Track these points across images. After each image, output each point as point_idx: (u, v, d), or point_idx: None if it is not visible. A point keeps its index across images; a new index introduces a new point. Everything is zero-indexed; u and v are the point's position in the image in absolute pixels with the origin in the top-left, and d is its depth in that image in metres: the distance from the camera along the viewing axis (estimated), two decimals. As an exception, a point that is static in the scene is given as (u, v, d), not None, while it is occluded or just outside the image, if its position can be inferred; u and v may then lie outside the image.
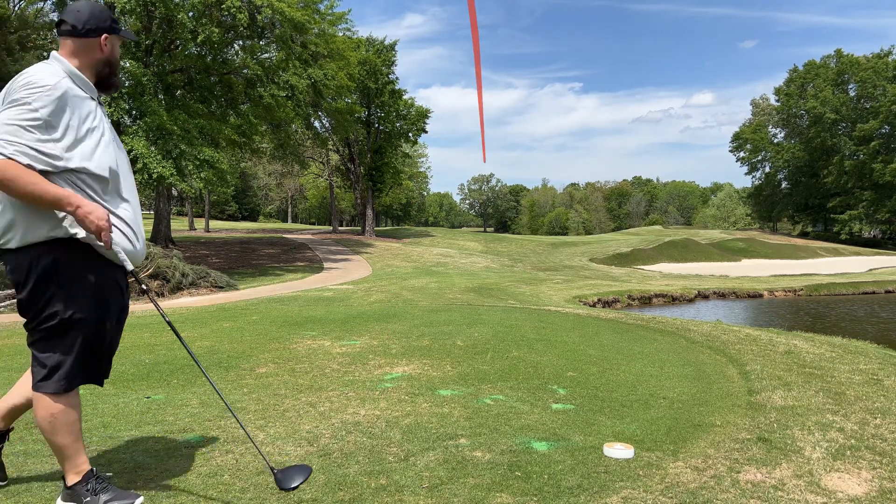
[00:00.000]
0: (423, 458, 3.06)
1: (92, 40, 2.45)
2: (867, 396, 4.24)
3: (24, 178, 2.20)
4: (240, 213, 79.27)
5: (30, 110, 2.25)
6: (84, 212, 2.25)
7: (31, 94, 2.26)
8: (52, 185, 2.24)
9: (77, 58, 2.44)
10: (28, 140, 2.24)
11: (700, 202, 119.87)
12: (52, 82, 2.30)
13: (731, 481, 2.80)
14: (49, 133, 2.27)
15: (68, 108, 2.32)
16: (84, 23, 2.42)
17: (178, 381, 4.76)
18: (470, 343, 6.17)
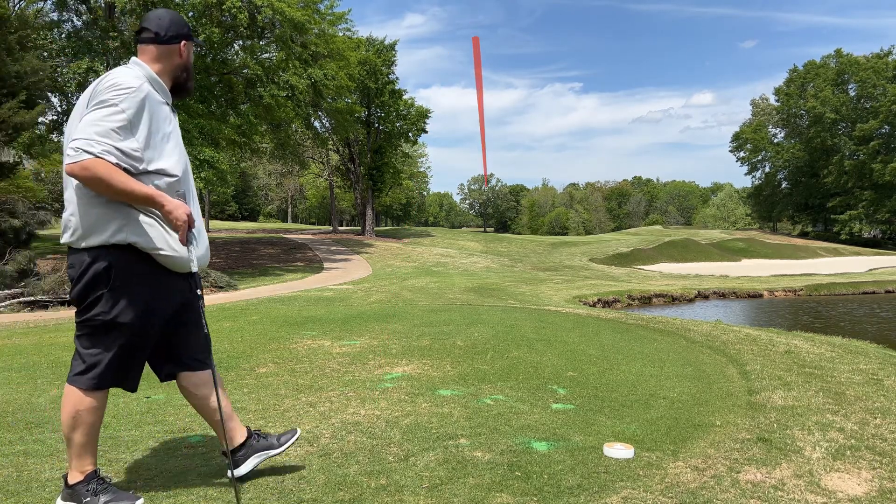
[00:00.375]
0: (423, 458, 3.06)
1: (173, 46, 2.56)
2: (867, 396, 4.24)
3: (115, 175, 2.27)
4: (240, 213, 79.28)
5: (117, 111, 2.31)
6: (168, 209, 2.33)
7: (117, 96, 2.33)
8: (140, 184, 2.32)
9: (158, 63, 2.54)
10: (115, 140, 2.30)
11: (700, 202, 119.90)
12: (137, 84, 2.38)
13: (731, 481, 2.80)
14: (131, 134, 2.35)
15: (148, 110, 2.40)
16: (166, 30, 2.53)
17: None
18: (470, 343, 6.17)
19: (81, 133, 2.29)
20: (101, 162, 2.26)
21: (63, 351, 6.08)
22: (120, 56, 20.75)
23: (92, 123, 2.29)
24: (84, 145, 2.26)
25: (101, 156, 2.26)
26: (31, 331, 7.73)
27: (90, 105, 2.36)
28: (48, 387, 4.59)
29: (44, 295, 12.11)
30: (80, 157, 2.25)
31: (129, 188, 2.29)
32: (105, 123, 2.29)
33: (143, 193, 2.32)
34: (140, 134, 2.37)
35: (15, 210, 16.79)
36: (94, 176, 2.26)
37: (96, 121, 2.29)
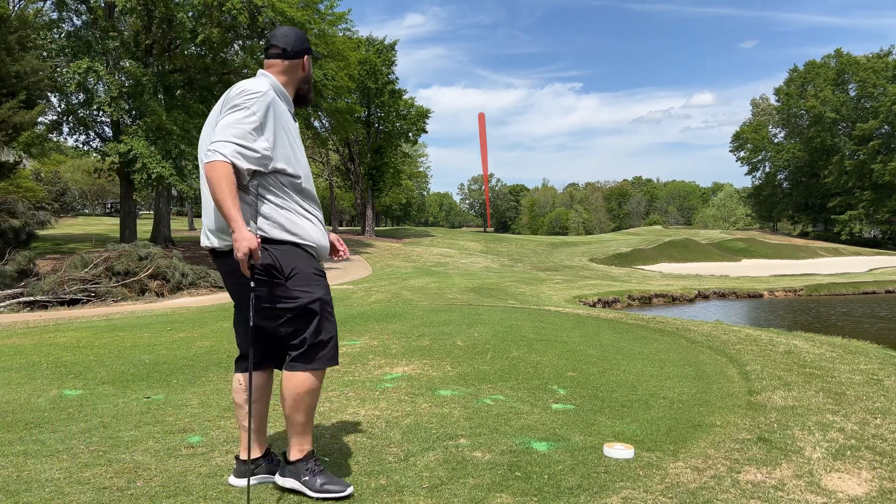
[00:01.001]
0: (423, 458, 3.06)
1: (297, 61, 2.74)
2: (867, 396, 4.24)
3: (222, 184, 2.39)
4: (240, 213, 79.28)
5: (249, 114, 2.49)
6: (236, 237, 2.41)
7: (248, 100, 2.50)
8: (234, 206, 2.41)
9: (285, 76, 2.72)
10: (248, 141, 2.46)
11: (700, 202, 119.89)
12: (264, 89, 2.56)
13: (731, 481, 2.80)
14: (261, 134, 2.51)
15: (275, 114, 2.57)
16: (293, 46, 2.71)
17: (178, 381, 4.76)
18: (470, 343, 6.16)
19: (219, 135, 2.46)
20: (224, 166, 2.41)
21: (63, 351, 6.08)
22: (120, 56, 20.75)
23: (228, 125, 2.47)
24: (219, 147, 2.42)
25: (230, 157, 2.41)
26: (31, 331, 7.73)
27: (223, 110, 2.54)
28: (48, 387, 4.59)
29: (43, 295, 12.11)
30: (213, 157, 2.42)
31: (224, 202, 2.40)
32: (240, 125, 2.47)
33: (230, 213, 2.40)
34: (268, 134, 2.53)
35: (15, 210, 16.80)
36: (212, 177, 2.40)
37: (231, 123, 2.47)
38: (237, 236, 2.40)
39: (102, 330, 7.57)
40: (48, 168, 47.47)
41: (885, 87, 57.33)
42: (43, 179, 48.91)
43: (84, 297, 12.44)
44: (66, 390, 4.48)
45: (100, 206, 65.44)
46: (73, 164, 54.82)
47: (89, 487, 2.70)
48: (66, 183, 55.17)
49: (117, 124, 20.71)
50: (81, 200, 62.87)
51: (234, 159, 2.42)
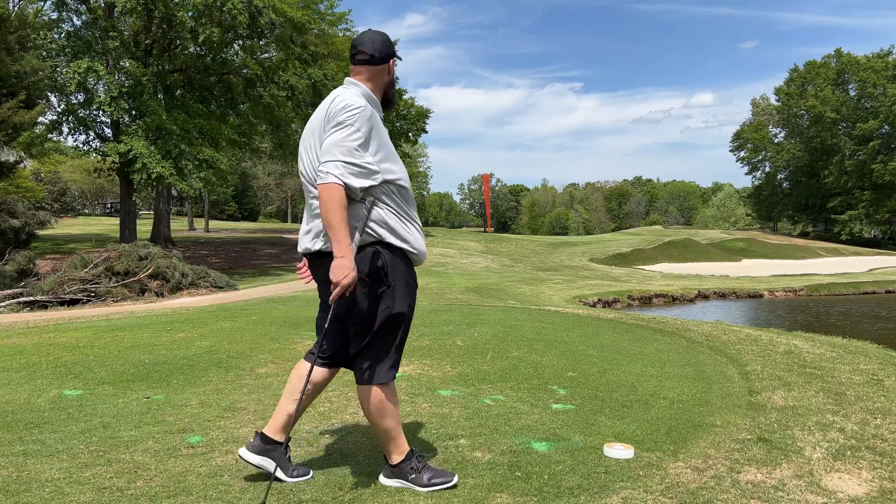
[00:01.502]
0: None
1: (384, 66, 2.76)
2: (867, 397, 4.24)
3: (334, 205, 2.46)
4: (239, 213, 79.20)
5: (354, 131, 2.54)
6: (336, 264, 2.46)
7: (351, 117, 2.55)
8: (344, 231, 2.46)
9: (372, 82, 2.74)
10: (356, 158, 2.52)
11: (700, 202, 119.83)
12: (364, 104, 2.60)
13: (731, 481, 2.80)
14: (367, 150, 2.57)
15: (375, 126, 2.62)
16: (380, 51, 2.74)
17: (178, 381, 4.76)
18: (470, 343, 6.16)
19: (328, 155, 2.52)
20: (338, 190, 2.47)
21: (63, 351, 6.08)
22: (120, 56, 20.75)
23: (336, 144, 2.52)
24: (332, 168, 2.49)
25: (341, 178, 2.48)
26: (30, 331, 7.73)
27: (328, 128, 2.58)
28: (48, 387, 4.59)
29: (43, 295, 12.11)
30: (326, 179, 2.48)
31: (335, 226, 2.45)
32: (347, 143, 2.52)
33: (337, 237, 2.45)
34: (373, 148, 2.59)
35: (15, 210, 16.80)
36: (325, 199, 2.47)
37: (339, 142, 2.52)
38: (344, 263, 2.45)
39: (102, 330, 7.57)
40: (48, 168, 47.46)
41: (885, 87, 57.31)
42: (43, 179, 48.90)
43: (84, 297, 12.44)
44: (66, 390, 4.48)
45: (100, 206, 65.43)
46: (72, 164, 54.83)
47: (89, 487, 2.70)
48: (66, 183, 55.14)
49: (117, 124, 20.70)
50: (81, 200, 62.86)
51: (346, 179, 2.48)
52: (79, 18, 22.42)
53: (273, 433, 2.77)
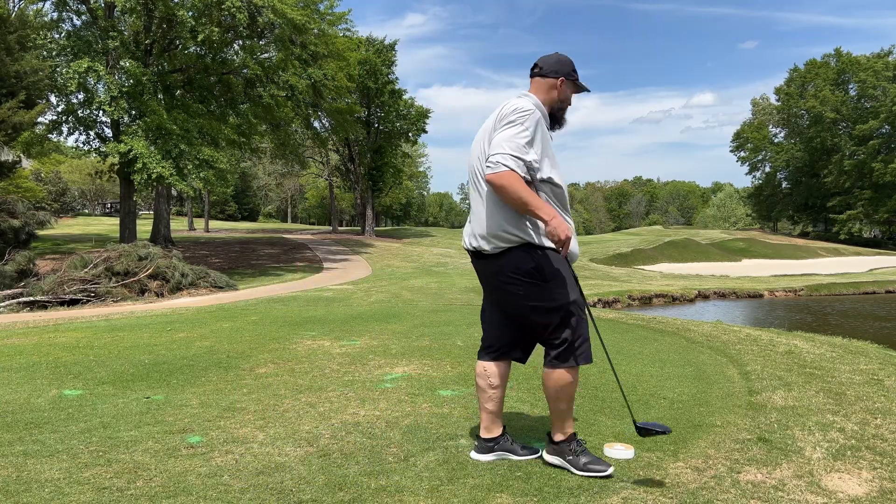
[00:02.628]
0: (423, 458, 3.06)
1: (550, 80, 3.01)
2: (867, 397, 4.24)
3: (519, 186, 2.69)
4: (239, 213, 79.22)
5: (523, 129, 2.77)
6: (555, 224, 2.68)
7: (521, 117, 2.80)
8: (537, 197, 2.74)
9: (540, 94, 3.01)
10: (523, 154, 2.74)
11: (700, 202, 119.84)
12: (533, 108, 2.86)
13: (731, 481, 2.80)
14: (532, 148, 2.78)
15: (541, 130, 2.85)
16: (548, 67, 3.03)
17: (177, 381, 4.76)
18: (470, 343, 6.16)
19: (498, 148, 2.74)
20: (513, 174, 2.69)
21: (63, 351, 6.08)
22: (120, 56, 20.75)
23: (506, 140, 2.75)
24: (502, 159, 2.70)
25: (515, 169, 2.69)
26: (30, 331, 7.73)
27: (499, 125, 2.83)
28: (48, 387, 4.59)
29: (43, 295, 12.10)
30: (498, 168, 2.70)
31: (527, 199, 2.69)
32: (516, 140, 2.75)
33: (535, 205, 2.69)
34: (537, 148, 2.81)
35: (15, 210, 16.80)
36: (505, 185, 2.69)
37: (508, 138, 2.75)
38: (555, 223, 2.67)
39: (102, 330, 7.56)
40: (48, 168, 47.47)
41: (885, 88, 57.29)
42: (43, 179, 48.90)
43: (84, 297, 12.43)
44: (66, 390, 4.48)
45: (99, 206, 65.44)
46: (72, 164, 54.82)
47: (89, 487, 2.70)
48: (66, 183, 55.15)
49: (117, 124, 20.70)
50: (81, 200, 62.85)
51: (517, 171, 2.70)
52: (79, 18, 22.43)
53: (488, 433, 3.07)
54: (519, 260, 2.84)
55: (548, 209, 2.71)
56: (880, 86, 57.71)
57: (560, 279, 2.87)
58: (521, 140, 2.75)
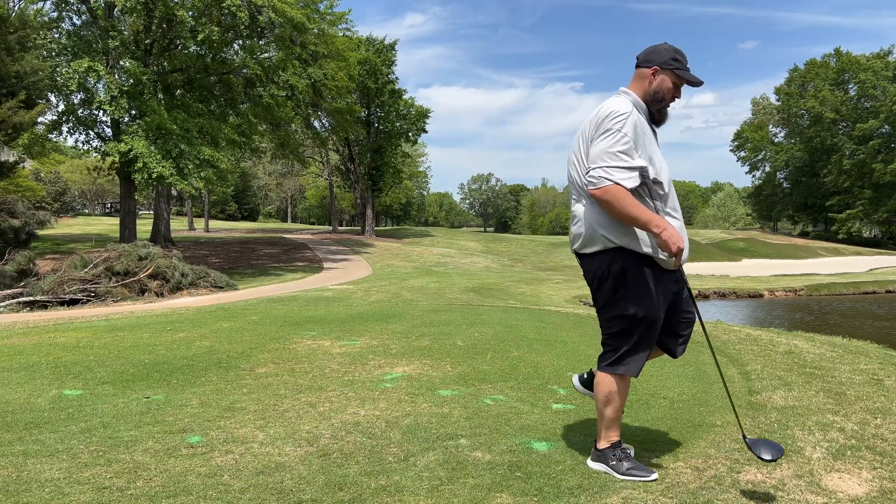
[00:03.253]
0: (423, 458, 3.06)
1: (643, 70, 2.86)
2: (868, 396, 4.24)
3: (625, 201, 2.62)
4: (239, 213, 79.22)
5: (622, 136, 2.67)
6: (666, 236, 2.60)
7: (616, 122, 2.68)
8: (645, 210, 2.65)
9: (636, 88, 2.87)
10: (625, 163, 2.65)
11: (700, 202, 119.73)
12: (628, 110, 2.73)
13: (731, 481, 2.80)
14: (636, 152, 2.69)
15: (640, 131, 2.74)
16: (643, 57, 2.88)
17: (177, 381, 4.76)
18: (470, 343, 6.16)
19: (598, 161, 2.67)
20: (617, 189, 2.62)
21: (63, 351, 6.08)
22: (120, 55, 20.75)
23: (604, 151, 2.66)
24: (604, 174, 2.63)
25: (620, 183, 2.62)
26: (31, 331, 7.73)
27: (596, 134, 2.72)
28: (48, 387, 4.59)
29: (43, 295, 12.10)
30: (601, 183, 2.63)
31: (634, 214, 2.62)
32: (615, 149, 2.65)
33: (645, 219, 2.62)
34: (639, 150, 2.70)
35: (15, 210, 16.80)
36: (609, 200, 2.63)
37: (607, 148, 2.66)
38: (666, 234, 2.60)
39: (102, 330, 7.56)
40: (48, 168, 47.47)
41: (885, 88, 57.26)
42: (43, 179, 48.90)
43: (84, 297, 12.43)
44: (66, 390, 4.48)
45: (99, 206, 65.44)
46: (72, 163, 54.82)
47: (89, 487, 2.70)
48: (66, 183, 55.15)
49: (117, 124, 20.71)
50: (81, 200, 62.85)
51: (623, 183, 2.62)
52: (79, 18, 22.45)
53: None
54: (605, 262, 2.80)
55: (658, 220, 2.63)
56: (880, 86, 57.66)
57: (640, 292, 2.79)
58: (621, 148, 2.65)
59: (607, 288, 2.82)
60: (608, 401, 2.90)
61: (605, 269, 2.80)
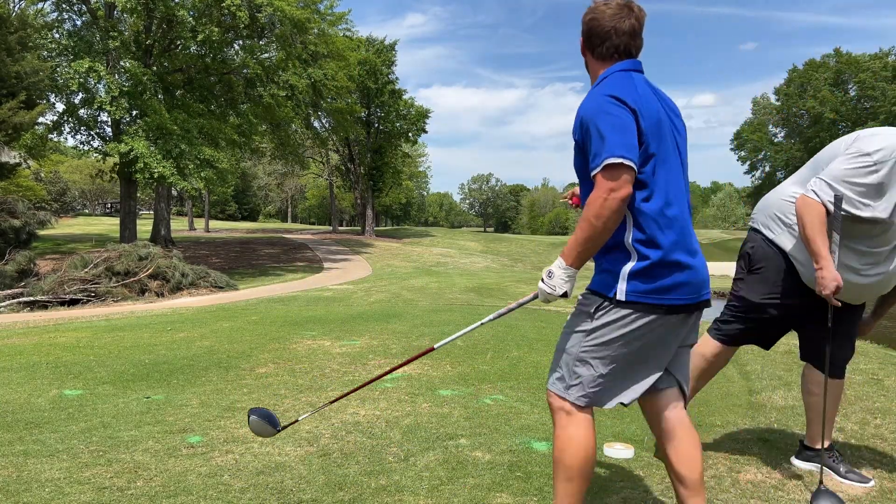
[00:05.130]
0: (423, 458, 3.06)
1: None
2: (867, 396, 4.24)
3: (811, 222, 2.54)
4: (240, 213, 79.22)
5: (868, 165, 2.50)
6: (821, 275, 2.52)
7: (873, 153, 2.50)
8: (821, 242, 2.52)
9: None
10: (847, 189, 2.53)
11: (700, 202, 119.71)
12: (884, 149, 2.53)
13: (731, 481, 2.80)
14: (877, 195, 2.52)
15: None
16: None
17: (178, 381, 4.76)
18: (470, 343, 6.16)
19: (825, 174, 2.58)
20: (815, 206, 2.55)
21: (63, 351, 6.08)
22: (120, 56, 20.77)
23: (837, 169, 2.55)
24: (817, 187, 2.57)
25: (824, 203, 2.53)
26: (31, 331, 7.73)
27: (848, 149, 2.59)
28: (48, 387, 4.59)
29: (43, 295, 12.10)
30: (806, 192, 2.59)
31: (812, 238, 2.54)
32: (848, 173, 2.52)
33: (816, 251, 2.53)
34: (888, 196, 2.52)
35: (15, 210, 16.80)
36: (800, 213, 2.57)
37: (842, 167, 2.54)
38: (823, 273, 2.52)
39: (102, 330, 7.57)
40: (48, 168, 47.48)
41: (884, 88, 57.26)
42: (43, 179, 48.91)
43: (84, 297, 12.44)
44: (66, 390, 4.48)
45: (100, 206, 65.47)
46: (72, 163, 54.83)
47: (89, 487, 2.70)
48: (66, 183, 55.17)
49: (118, 124, 20.72)
50: (81, 200, 62.88)
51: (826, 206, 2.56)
52: (79, 18, 22.46)
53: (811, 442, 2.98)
54: (759, 244, 2.91)
55: (826, 259, 2.52)
56: (879, 86, 57.66)
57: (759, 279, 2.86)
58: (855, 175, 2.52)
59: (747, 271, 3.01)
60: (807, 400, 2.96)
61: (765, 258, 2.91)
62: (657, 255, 1.97)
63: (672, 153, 2.05)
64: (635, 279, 1.99)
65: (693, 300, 2.07)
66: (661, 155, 2.00)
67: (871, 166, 2.48)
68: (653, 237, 1.97)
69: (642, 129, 1.95)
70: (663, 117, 2.03)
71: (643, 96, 2.00)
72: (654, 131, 1.98)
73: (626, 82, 2.04)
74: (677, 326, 2.10)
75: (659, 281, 1.98)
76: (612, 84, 2.04)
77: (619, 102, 1.96)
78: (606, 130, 1.92)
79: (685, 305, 2.05)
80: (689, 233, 2.09)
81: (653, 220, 1.97)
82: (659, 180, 1.98)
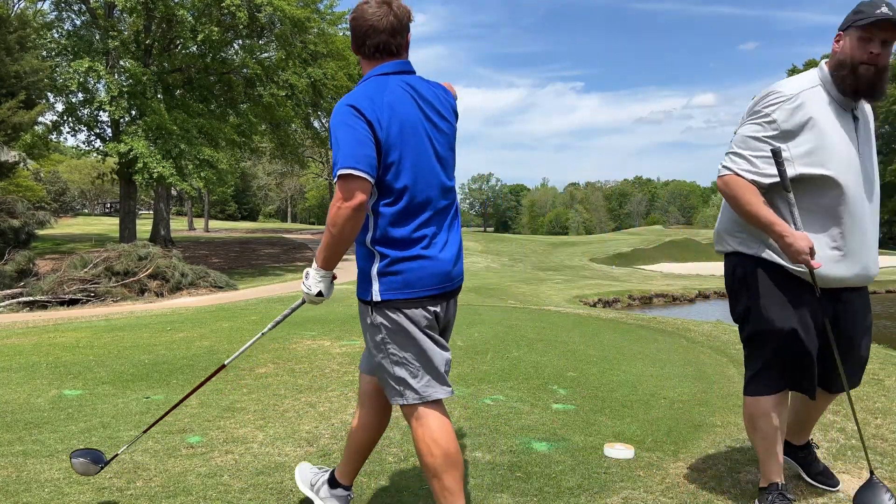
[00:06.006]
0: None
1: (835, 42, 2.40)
2: (867, 396, 4.24)
3: (743, 196, 2.30)
4: (239, 213, 79.23)
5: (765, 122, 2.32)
6: (787, 241, 2.24)
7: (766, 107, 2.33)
8: (765, 210, 2.28)
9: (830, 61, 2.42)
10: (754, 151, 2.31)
11: (701, 202, 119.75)
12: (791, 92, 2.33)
13: (731, 481, 2.80)
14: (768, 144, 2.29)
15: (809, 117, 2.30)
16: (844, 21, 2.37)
17: (177, 381, 4.76)
18: (470, 343, 6.16)
19: (731, 147, 2.38)
20: (737, 180, 2.32)
21: (63, 351, 6.07)
22: (120, 55, 20.77)
23: (739, 137, 2.36)
24: (727, 161, 2.37)
25: (740, 174, 2.31)
26: (30, 331, 7.73)
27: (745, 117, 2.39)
28: (48, 387, 4.59)
29: (43, 295, 12.10)
30: (721, 172, 2.37)
31: (753, 212, 2.29)
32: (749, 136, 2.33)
33: (765, 221, 2.28)
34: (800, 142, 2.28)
35: (14, 210, 16.80)
36: (726, 193, 2.36)
37: (743, 134, 2.35)
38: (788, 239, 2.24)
39: (102, 330, 7.56)
40: (48, 168, 47.48)
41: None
42: (42, 179, 48.90)
43: (84, 297, 12.43)
44: (65, 390, 4.48)
45: (99, 206, 65.49)
46: (71, 163, 54.84)
47: (89, 488, 2.70)
48: (66, 182, 55.18)
49: (117, 124, 20.72)
50: (81, 200, 62.89)
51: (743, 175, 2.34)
52: (79, 18, 22.46)
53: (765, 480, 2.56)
54: (730, 267, 2.53)
55: (779, 225, 2.26)
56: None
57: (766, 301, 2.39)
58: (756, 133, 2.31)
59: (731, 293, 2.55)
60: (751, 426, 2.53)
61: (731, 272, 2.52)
62: (396, 253, 2.08)
63: (425, 155, 2.11)
64: (383, 277, 2.10)
65: (441, 290, 2.16)
66: (410, 159, 2.07)
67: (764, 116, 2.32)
68: (391, 237, 2.08)
69: (380, 140, 2.02)
70: (415, 120, 2.09)
71: (389, 104, 2.06)
72: (397, 139, 2.05)
73: (374, 89, 2.09)
74: (438, 313, 2.22)
75: (403, 276, 2.09)
76: (358, 92, 2.11)
77: (357, 114, 2.02)
78: (343, 141, 2.00)
79: (435, 296, 2.16)
80: (440, 230, 2.16)
81: (392, 222, 2.07)
82: (402, 184, 2.06)
